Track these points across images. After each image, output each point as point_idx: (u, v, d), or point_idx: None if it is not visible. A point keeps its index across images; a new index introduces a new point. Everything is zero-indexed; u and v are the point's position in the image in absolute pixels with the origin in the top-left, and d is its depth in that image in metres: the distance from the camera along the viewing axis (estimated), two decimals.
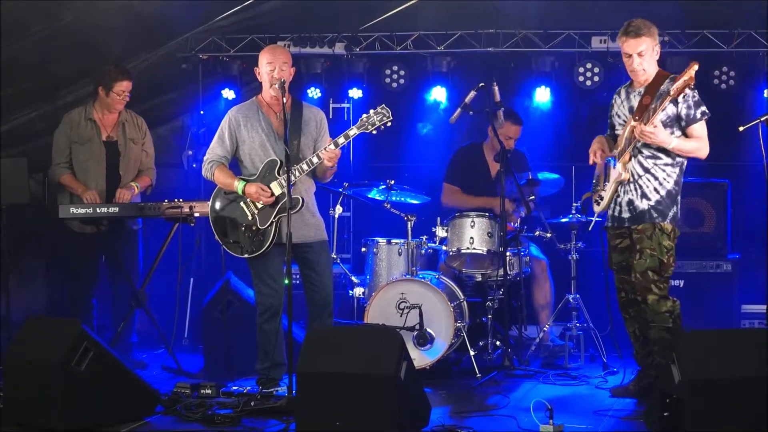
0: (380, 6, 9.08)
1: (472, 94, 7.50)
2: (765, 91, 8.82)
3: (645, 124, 6.28)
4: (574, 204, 8.03)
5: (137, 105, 8.94)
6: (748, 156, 8.52)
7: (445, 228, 7.96)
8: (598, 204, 6.79)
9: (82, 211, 7.52)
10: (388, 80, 9.48)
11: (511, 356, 7.56)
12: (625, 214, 6.59)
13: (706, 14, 8.64)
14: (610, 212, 6.73)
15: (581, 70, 9.07)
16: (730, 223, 8.67)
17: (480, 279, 8.07)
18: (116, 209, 7.59)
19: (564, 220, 8.13)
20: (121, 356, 6.35)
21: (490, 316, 7.83)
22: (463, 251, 7.88)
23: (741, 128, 6.29)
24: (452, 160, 8.78)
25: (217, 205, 6.94)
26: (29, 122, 8.49)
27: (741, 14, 8.56)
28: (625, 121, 6.62)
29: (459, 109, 7.54)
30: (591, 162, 6.78)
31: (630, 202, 6.55)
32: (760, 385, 5.09)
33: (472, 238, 7.84)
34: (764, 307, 6.24)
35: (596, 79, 9.05)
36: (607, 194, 6.68)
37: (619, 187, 6.61)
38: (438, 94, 9.50)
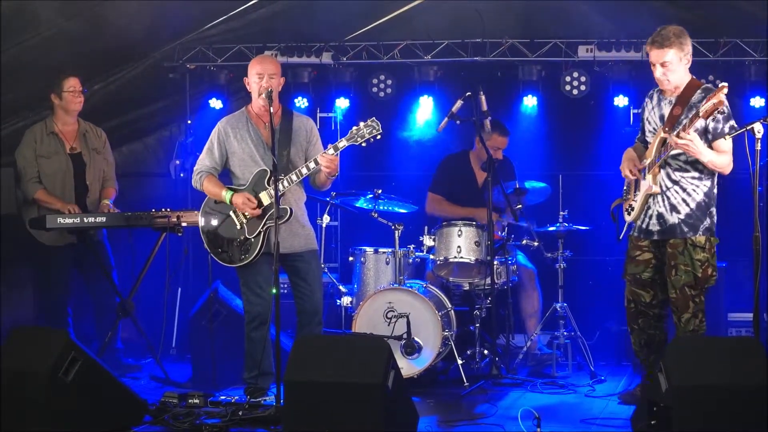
0: (367, 16, 9.09)
1: (459, 103, 7.50)
2: (751, 99, 8.85)
3: (678, 135, 6.16)
4: (561, 213, 8.05)
5: (125, 114, 8.93)
6: (735, 164, 8.49)
7: (433, 237, 7.97)
8: (629, 214, 6.73)
9: (70, 221, 7.50)
10: (375, 89, 9.45)
11: (498, 365, 7.57)
12: (654, 228, 6.55)
13: (692, 23, 8.66)
14: (638, 223, 6.67)
15: (568, 79, 9.07)
16: (717, 231, 8.66)
17: (467, 288, 8.08)
18: (103, 219, 7.58)
19: (551, 228, 8.14)
20: (109, 366, 6.34)
21: (477, 325, 7.85)
22: (450, 260, 7.89)
23: (727, 137, 6.30)
24: (439, 168, 8.79)
25: (207, 215, 6.93)
26: (16, 132, 8.45)
27: (727, 23, 8.59)
28: (655, 129, 6.57)
29: (446, 118, 7.55)
30: (624, 176, 6.73)
31: (660, 216, 6.51)
32: (747, 393, 5.10)
33: (459, 247, 7.85)
34: (751, 315, 6.23)
35: (583, 88, 9.04)
36: (637, 205, 6.64)
37: (650, 200, 6.57)
38: (425, 103, 9.50)
